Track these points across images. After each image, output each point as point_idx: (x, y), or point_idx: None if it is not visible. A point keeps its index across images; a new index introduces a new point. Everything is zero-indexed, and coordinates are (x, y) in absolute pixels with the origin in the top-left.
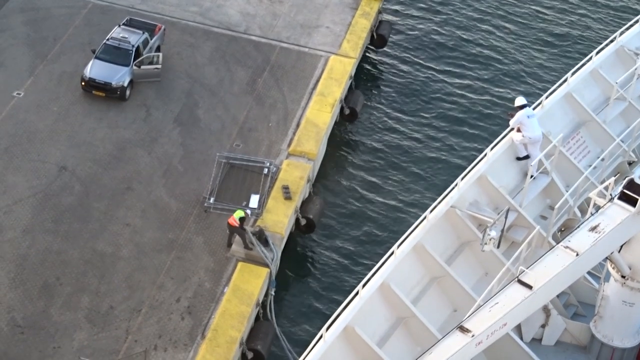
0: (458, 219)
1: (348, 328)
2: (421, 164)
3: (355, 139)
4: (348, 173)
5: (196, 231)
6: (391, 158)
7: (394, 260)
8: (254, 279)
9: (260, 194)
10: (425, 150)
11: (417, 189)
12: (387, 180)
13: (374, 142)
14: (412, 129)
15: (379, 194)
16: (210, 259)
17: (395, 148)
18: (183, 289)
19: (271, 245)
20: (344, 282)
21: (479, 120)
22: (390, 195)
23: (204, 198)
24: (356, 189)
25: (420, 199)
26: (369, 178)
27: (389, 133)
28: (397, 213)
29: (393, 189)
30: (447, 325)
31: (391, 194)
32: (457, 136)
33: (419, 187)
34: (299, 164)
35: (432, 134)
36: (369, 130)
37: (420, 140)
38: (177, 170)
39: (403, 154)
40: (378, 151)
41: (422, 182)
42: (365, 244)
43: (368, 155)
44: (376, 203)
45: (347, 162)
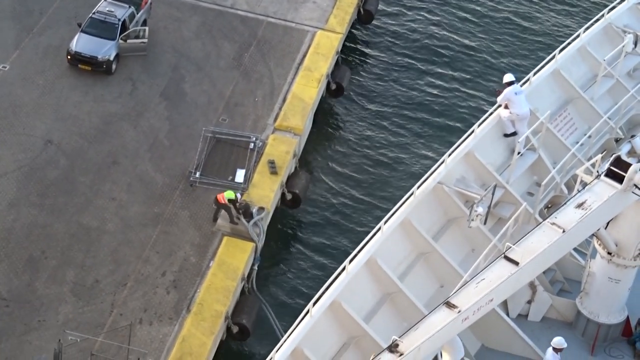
0: (445, 195)
1: (335, 303)
2: (408, 140)
3: (341, 114)
4: (334, 148)
5: (182, 205)
6: (378, 134)
7: (381, 236)
8: (239, 254)
9: (246, 168)
10: (412, 125)
11: (404, 165)
12: (373, 155)
13: (361, 117)
14: (399, 105)
15: (365, 169)
16: (196, 233)
17: (382, 124)
18: (168, 263)
19: (256, 220)
20: (330, 257)
21: (469, 96)
22: (377, 170)
23: (190, 172)
24: (343, 164)
25: (407, 174)
26: (356, 153)
27: (375, 108)
28: (384, 189)
29: (379, 165)
30: (434, 301)
31: (378, 169)
32: (446, 112)
33: (405, 163)
34: (285, 138)
35: (419, 110)
36: (355, 106)
37: (407, 116)
38: (163, 145)
39: (390, 130)
40: (365, 126)
41: (409, 158)
42: (351, 219)
43: (355, 131)
44: (362, 179)
45: (333, 137)
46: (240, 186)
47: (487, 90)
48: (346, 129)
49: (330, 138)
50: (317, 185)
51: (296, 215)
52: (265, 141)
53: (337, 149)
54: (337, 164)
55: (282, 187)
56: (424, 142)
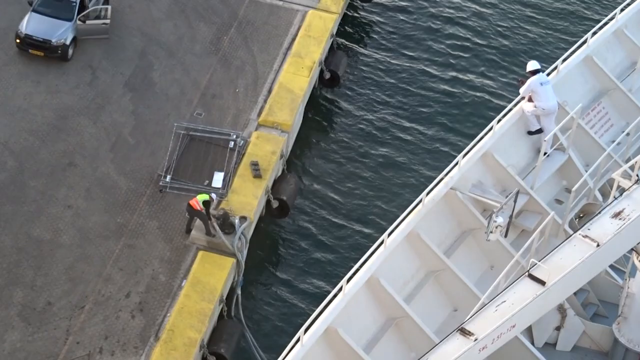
0: (459, 203)
1: (330, 330)
2: (415, 138)
3: (337, 108)
4: (328, 148)
5: (149, 214)
6: (379, 130)
7: (384, 251)
8: (217, 271)
9: (225, 171)
10: (419, 122)
11: (410, 167)
12: (374, 156)
13: (359, 111)
14: (404, 98)
15: (364, 172)
16: (166, 247)
17: (383, 119)
18: (134, 282)
19: (238, 231)
20: (324, 275)
21: (487, 88)
22: (378, 174)
23: (159, 176)
24: (338, 166)
25: (414, 179)
26: (353, 154)
27: (376, 102)
28: (387, 196)
29: (381, 167)
30: (446, 327)
31: (379, 172)
32: (459, 107)
33: (412, 165)
34: (271, 136)
35: (427, 104)
36: (353, 98)
37: (413, 111)
38: (128, 143)
39: (393, 126)
40: (363, 122)
41: (417, 159)
42: (348, 231)
43: (352, 127)
44: (361, 183)
45: (327, 135)
46: (219, 192)
47: (507, 82)
48: (342, 125)
49: (324, 136)
50: (308, 190)
51: (284, 225)
52: (247, 139)
53: (331, 148)
54: (331, 167)
55: (267, 193)
56: (433, 141)
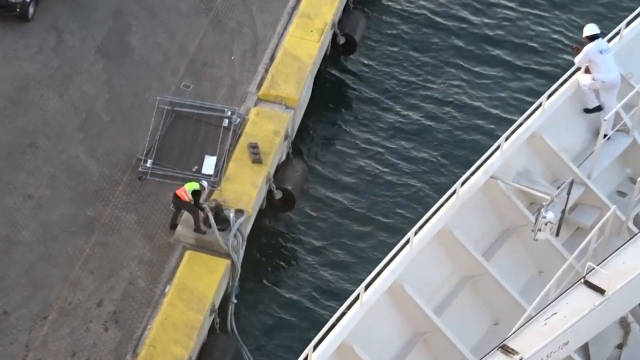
0: (500, 195)
1: (344, 346)
2: (447, 117)
3: (352, 79)
4: (342, 128)
5: (127, 206)
6: (403, 105)
7: (410, 252)
8: (207, 274)
9: (217, 155)
10: (453, 97)
11: (440, 151)
12: (397, 138)
13: (379, 84)
14: (435, 68)
15: (386, 158)
16: (146, 245)
17: (408, 92)
18: (107, 287)
19: (233, 227)
20: (337, 282)
21: (522, 54)
22: (403, 160)
23: (138, 160)
24: (353, 150)
25: (444, 165)
26: (371, 135)
27: (400, 72)
28: (412, 184)
29: (406, 152)
30: (485, 344)
31: (404, 158)
32: (494, 76)
33: (442, 148)
34: (274, 113)
35: (461, 77)
36: (372, 68)
37: (445, 84)
38: (101, 121)
39: (420, 100)
40: (384, 96)
41: (448, 141)
42: (366, 228)
43: (370, 103)
44: (382, 172)
45: (340, 112)
46: (210, 180)
47: (559, 62)
48: (359, 100)
49: (337, 114)
50: (318, 179)
51: (288, 221)
52: (245, 117)
53: (346, 128)
54: (345, 151)
55: (269, 181)
56: (470, 121)
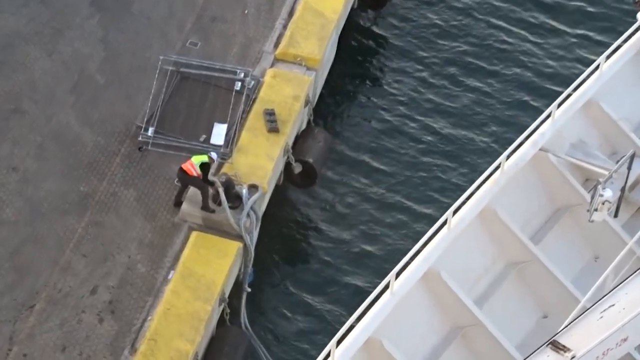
0: (552, 170)
1: (372, 341)
2: (491, 81)
3: (383, 37)
4: (370, 93)
5: (124, 181)
6: (442, 70)
7: (447, 235)
8: (216, 259)
9: (228, 122)
10: (498, 59)
11: (482, 126)
12: (432, 107)
13: (413, 44)
14: (474, 27)
15: (418, 130)
16: (147, 225)
17: (447, 57)
18: (102, 273)
19: (246, 205)
20: (363, 268)
21: (576, 20)
22: (440, 130)
23: (138, 128)
24: (384, 118)
25: (486, 143)
26: (404, 103)
27: (437, 32)
28: (452, 160)
29: (444, 121)
30: (532, 340)
31: (441, 128)
32: (543, 44)
33: (485, 124)
34: (293, 75)
35: (507, 40)
36: (405, 25)
37: (488, 45)
38: (95, 83)
39: (461, 65)
40: (419, 59)
41: (493, 110)
42: (397, 208)
43: (403, 66)
44: (414, 145)
45: (368, 76)
46: (220, 151)
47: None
48: (389, 63)
49: (364, 77)
50: (342, 151)
51: (308, 198)
52: (260, 79)
53: (373, 94)
54: (374, 118)
55: (287, 153)
56: (518, 87)
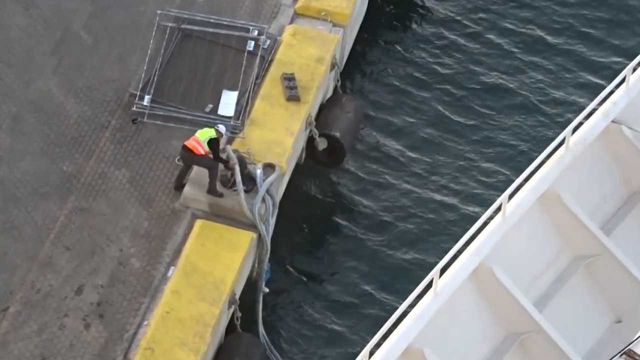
0: (626, 146)
1: (412, 351)
2: (546, 53)
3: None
4: (408, 54)
5: (115, 160)
6: (490, 35)
7: (502, 224)
8: (225, 252)
9: (239, 89)
10: (549, 29)
11: (537, 95)
12: (482, 72)
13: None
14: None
15: (465, 101)
16: (142, 212)
17: (498, 18)
18: (89, 269)
19: (261, 189)
20: (400, 263)
21: None
22: (486, 103)
23: (132, 96)
24: (422, 85)
25: (552, 110)
26: (449, 66)
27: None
28: (499, 135)
29: (491, 93)
30: (603, 348)
31: (487, 100)
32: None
33: (542, 93)
34: (316, 33)
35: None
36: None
37: (543, 9)
38: (81, 43)
39: (517, 33)
40: (466, 14)
41: (549, 85)
42: (441, 193)
43: (448, 21)
44: (460, 119)
45: (407, 34)
46: (229, 123)
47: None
48: (432, 19)
49: (401, 35)
50: (375, 124)
51: (335, 180)
52: (277, 38)
53: (412, 56)
54: (411, 85)
55: (310, 126)
56: (579, 66)
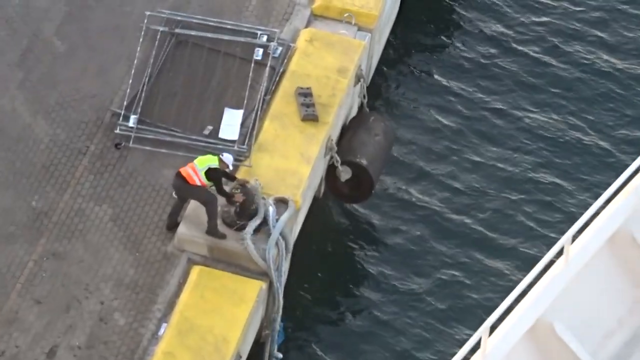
0: None
1: None
2: (607, 55)
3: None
4: (450, 61)
5: (95, 193)
6: (549, 36)
7: (565, 271)
8: (228, 307)
9: (245, 107)
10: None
11: (602, 115)
12: (532, 90)
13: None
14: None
15: (513, 119)
16: (128, 257)
17: (551, 16)
18: (63, 326)
19: (273, 230)
20: (440, 319)
21: None
22: (538, 122)
23: (115, 116)
24: (466, 97)
25: (609, 139)
26: (495, 80)
27: None
28: (555, 163)
29: (546, 111)
30: None
31: (539, 119)
32: None
33: (608, 113)
34: (338, 39)
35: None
36: None
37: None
38: (53, 51)
39: (574, 32)
40: (510, 15)
41: (617, 100)
42: (489, 234)
43: (492, 23)
44: (509, 139)
45: (447, 35)
46: (233, 148)
47: None
48: (475, 22)
49: (443, 41)
50: (410, 147)
51: (360, 217)
52: (290, 45)
53: (452, 65)
54: (451, 102)
55: (330, 151)
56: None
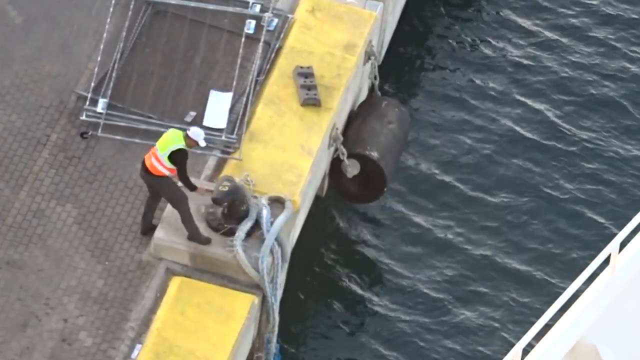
0: None
1: None
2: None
3: None
4: (476, 37)
5: (57, 191)
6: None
7: (610, 284)
8: (213, 325)
9: (234, 90)
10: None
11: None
12: (566, 83)
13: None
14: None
15: (544, 109)
16: (96, 266)
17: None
18: (19, 347)
19: (268, 234)
20: (462, 342)
21: None
22: (570, 122)
23: (80, 100)
24: (496, 77)
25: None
26: (532, 52)
27: None
28: (594, 163)
29: (578, 109)
30: None
31: (570, 119)
32: None
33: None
34: (345, 9)
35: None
36: None
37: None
38: (9, 24)
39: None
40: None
41: None
42: (522, 243)
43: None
44: (539, 132)
45: (474, 7)
46: (220, 137)
47: None
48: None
49: (468, 13)
50: (427, 138)
51: (370, 219)
52: (288, 16)
53: (487, 40)
54: (481, 83)
55: (335, 142)
56: None
